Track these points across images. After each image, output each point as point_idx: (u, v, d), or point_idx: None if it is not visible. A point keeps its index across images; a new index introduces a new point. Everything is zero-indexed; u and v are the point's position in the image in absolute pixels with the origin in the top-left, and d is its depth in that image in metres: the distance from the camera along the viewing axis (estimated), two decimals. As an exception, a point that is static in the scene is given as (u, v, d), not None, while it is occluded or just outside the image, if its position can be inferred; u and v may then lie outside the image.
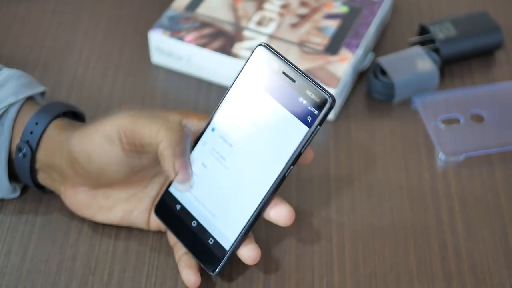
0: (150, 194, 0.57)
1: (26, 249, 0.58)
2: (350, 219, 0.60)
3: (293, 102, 0.51)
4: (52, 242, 0.58)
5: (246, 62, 0.53)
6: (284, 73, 0.51)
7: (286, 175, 0.52)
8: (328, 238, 0.59)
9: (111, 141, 0.53)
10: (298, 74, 0.51)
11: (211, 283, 0.56)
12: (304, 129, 0.50)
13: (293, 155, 0.51)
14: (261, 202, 0.52)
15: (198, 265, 0.55)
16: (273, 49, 0.52)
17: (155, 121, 0.53)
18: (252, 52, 0.53)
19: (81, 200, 0.57)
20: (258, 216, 0.53)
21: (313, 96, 0.50)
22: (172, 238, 0.57)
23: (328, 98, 0.50)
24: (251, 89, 0.53)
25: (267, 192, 0.52)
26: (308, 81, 0.50)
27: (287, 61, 0.52)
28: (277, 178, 0.51)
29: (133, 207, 0.57)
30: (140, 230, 0.59)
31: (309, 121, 0.50)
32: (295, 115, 0.51)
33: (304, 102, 0.50)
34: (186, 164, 0.53)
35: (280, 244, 0.58)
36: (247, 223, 0.52)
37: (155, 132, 0.52)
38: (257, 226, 0.57)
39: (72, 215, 0.59)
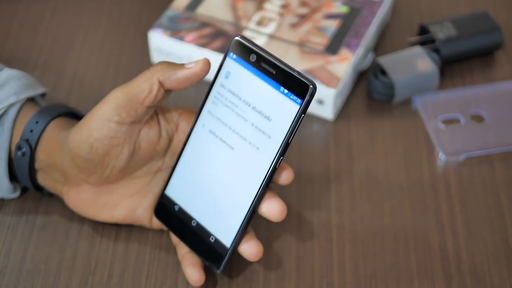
0: (153, 190, 0.57)
1: (26, 249, 0.58)
2: (350, 219, 0.60)
3: (274, 93, 0.50)
4: (52, 242, 0.58)
5: (224, 58, 0.53)
6: (262, 64, 0.51)
7: (277, 166, 0.51)
8: (328, 238, 0.59)
9: (109, 120, 0.53)
10: (277, 64, 0.50)
11: (210, 283, 0.56)
12: (288, 119, 0.50)
13: (281, 145, 0.50)
14: (255, 197, 0.52)
15: (201, 263, 0.55)
16: (249, 41, 0.52)
17: (141, 74, 0.53)
18: (229, 47, 0.52)
19: (85, 198, 0.56)
20: (254, 211, 0.52)
21: (293, 85, 0.50)
22: (174, 236, 0.57)
23: (308, 85, 0.49)
24: (232, 84, 0.52)
25: (260, 186, 0.51)
26: (287, 70, 0.50)
27: (264, 52, 0.51)
28: (268, 170, 0.51)
29: (137, 204, 0.57)
30: (140, 230, 0.59)
31: (292, 110, 0.50)
32: (277, 105, 0.50)
33: (286, 91, 0.50)
34: (192, 63, 0.53)
35: (280, 244, 0.58)
36: (244, 219, 0.52)
37: (146, 79, 0.53)
38: (257, 226, 0.57)
39: (72, 215, 0.59)
